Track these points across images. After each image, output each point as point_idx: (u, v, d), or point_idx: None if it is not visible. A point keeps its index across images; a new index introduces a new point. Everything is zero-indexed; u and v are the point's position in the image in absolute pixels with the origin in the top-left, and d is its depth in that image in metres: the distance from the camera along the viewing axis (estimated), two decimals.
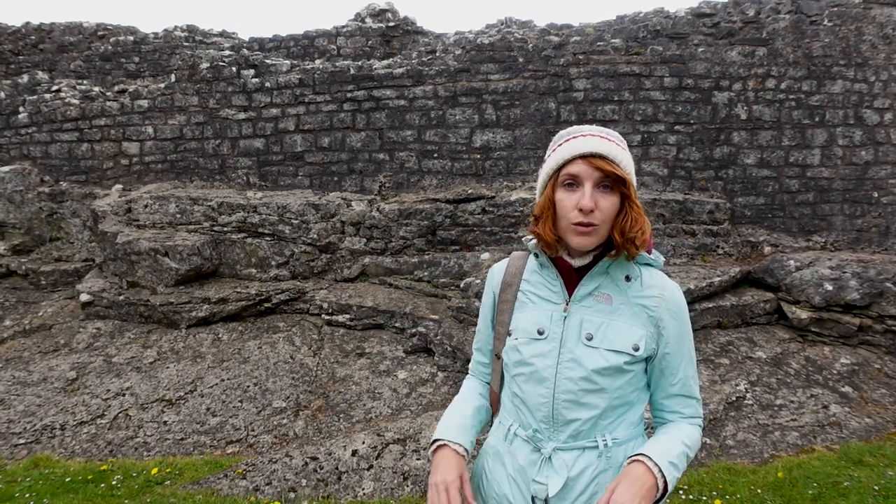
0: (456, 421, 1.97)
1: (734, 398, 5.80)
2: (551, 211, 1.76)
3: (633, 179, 1.72)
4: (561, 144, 1.76)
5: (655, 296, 1.78)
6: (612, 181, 1.67)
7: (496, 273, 2.05)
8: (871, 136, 7.86)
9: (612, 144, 1.69)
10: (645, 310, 1.77)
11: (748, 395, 5.86)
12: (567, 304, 1.82)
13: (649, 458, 1.65)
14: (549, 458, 1.80)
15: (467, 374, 2.23)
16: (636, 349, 1.74)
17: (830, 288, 6.65)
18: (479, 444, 4.98)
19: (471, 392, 2.12)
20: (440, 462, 1.85)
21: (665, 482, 1.62)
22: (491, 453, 1.98)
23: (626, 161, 1.69)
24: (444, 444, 1.88)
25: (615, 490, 1.61)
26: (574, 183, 1.70)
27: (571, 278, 1.84)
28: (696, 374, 1.85)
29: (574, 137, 1.73)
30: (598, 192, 1.67)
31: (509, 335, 1.91)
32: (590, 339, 1.75)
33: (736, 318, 6.90)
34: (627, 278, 1.80)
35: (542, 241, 1.80)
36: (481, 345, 2.13)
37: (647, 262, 1.83)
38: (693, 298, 6.66)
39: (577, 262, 1.80)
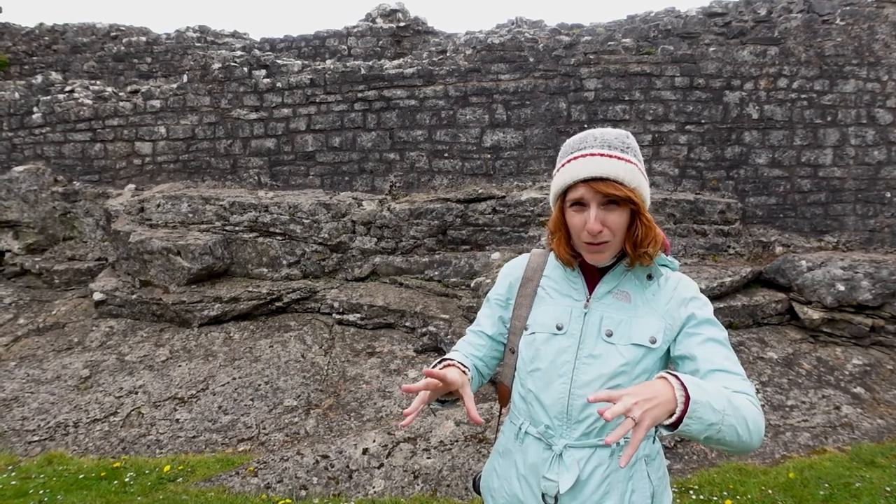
0: (459, 354, 1.94)
1: None
2: (563, 231, 1.81)
3: (643, 191, 1.71)
4: (564, 165, 1.75)
5: (672, 289, 1.80)
6: (621, 200, 1.68)
7: (516, 267, 2.05)
8: (884, 136, 7.81)
9: (613, 162, 1.66)
10: (663, 304, 1.78)
11: (759, 396, 5.85)
12: (588, 301, 1.84)
13: (670, 372, 1.45)
14: (561, 454, 1.80)
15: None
16: (653, 342, 1.74)
17: (842, 288, 6.62)
18: (489, 442, 4.98)
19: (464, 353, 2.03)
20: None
21: (686, 398, 1.37)
22: (501, 452, 1.99)
23: (629, 177, 1.66)
24: (450, 364, 1.81)
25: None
26: (581, 203, 1.72)
27: (592, 275, 1.87)
28: (733, 357, 1.67)
29: (575, 158, 1.71)
30: (605, 210, 1.69)
31: (525, 330, 1.91)
32: (610, 335, 1.77)
33: (747, 318, 6.88)
34: (650, 276, 1.82)
35: (559, 257, 1.87)
36: (479, 329, 2.06)
37: (664, 263, 1.85)
38: None
39: (601, 263, 1.83)
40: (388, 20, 10.87)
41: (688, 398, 1.37)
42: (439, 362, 1.84)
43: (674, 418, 1.37)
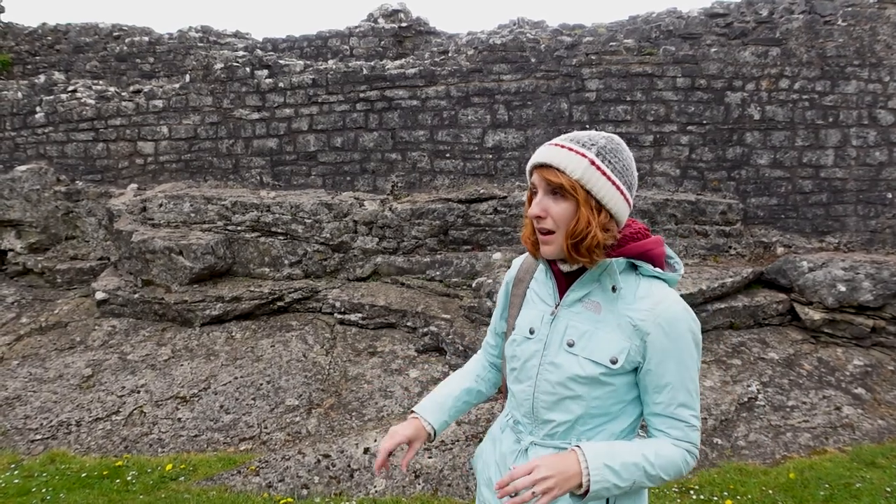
0: (438, 400, 2.15)
1: (746, 399, 5.79)
2: (530, 219, 1.83)
3: (592, 184, 1.65)
4: None
5: (645, 308, 1.70)
6: (560, 188, 1.67)
7: (513, 267, 2.12)
8: (886, 137, 7.82)
9: (561, 151, 1.68)
10: (631, 322, 1.70)
11: (760, 396, 5.85)
12: (556, 308, 1.84)
13: (582, 451, 1.62)
14: (526, 450, 1.87)
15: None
16: (614, 362, 1.70)
17: (843, 289, 6.62)
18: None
19: (469, 371, 2.27)
20: (406, 423, 2.07)
21: (589, 481, 1.58)
22: (489, 437, 2.10)
23: (572, 166, 1.65)
24: (416, 418, 2.08)
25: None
26: (536, 192, 1.75)
27: (566, 282, 1.85)
28: (689, 399, 1.72)
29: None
30: (550, 198, 1.70)
31: (513, 330, 1.97)
32: (571, 345, 1.76)
33: (748, 318, 6.88)
34: (613, 288, 1.74)
35: (525, 246, 1.88)
36: (493, 327, 2.24)
37: (654, 274, 1.75)
38: (705, 299, 6.65)
39: (564, 268, 1.81)
40: (389, 20, 10.88)
41: (588, 487, 1.59)
42: (410, 412, 2.13)
43: (580, 492, 1.61)
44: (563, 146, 1.69)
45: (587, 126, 7.79)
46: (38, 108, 9.23)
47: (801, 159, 7.82)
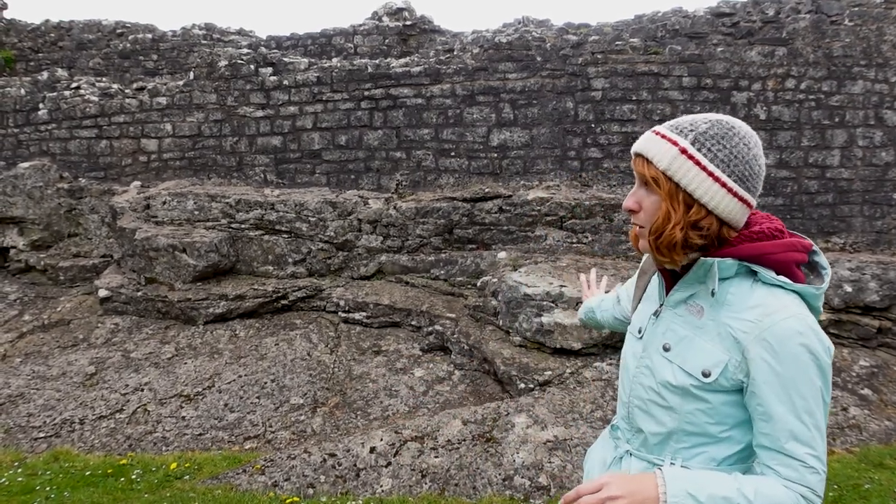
0: (591, 299, 2.49)
1: None
2: None
3: (679, 175, 1.48)
4: None
5: (750, 320, 1.46)
6: (649, 179, 1.52)
7: (644, 257, 1.93)
8: (892, 137, 7.79)
9: (655, 139, 1.53)
10: (731, 333, 1.48)
11: None
12: (660, 307, 1.70)
13: (663, 474, 1.43)
14: (621, 458, 1.75)
15: (485, 372, 2.32)
16: (706, 375, 1.51)
17: (850, 289, 6.60)
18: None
19: (601, 296, 2.46)
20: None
21: None
22: (600, 438, 1.97)
23: (659, 156, 1.49)
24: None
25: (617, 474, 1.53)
26: None
27: (672, 281, 1.69)
28: (806, 434, 1.41)
29: None
30: (644, 190, 1.56)
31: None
32: (667, 350, 1.61)
33: None
34: (713, 293, 1.53)
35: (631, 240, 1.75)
36: (621, 288, 2.30)
37: (777, 283, 1.50)
38: None
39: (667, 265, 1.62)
40: (394, 19, 10.86)
41: None
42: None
43: None
44: (657, 132, 1.54)
45: (592, 125, 7.78)
46: (41, 105, 9.21)
47: (807, 159, 7.80)
